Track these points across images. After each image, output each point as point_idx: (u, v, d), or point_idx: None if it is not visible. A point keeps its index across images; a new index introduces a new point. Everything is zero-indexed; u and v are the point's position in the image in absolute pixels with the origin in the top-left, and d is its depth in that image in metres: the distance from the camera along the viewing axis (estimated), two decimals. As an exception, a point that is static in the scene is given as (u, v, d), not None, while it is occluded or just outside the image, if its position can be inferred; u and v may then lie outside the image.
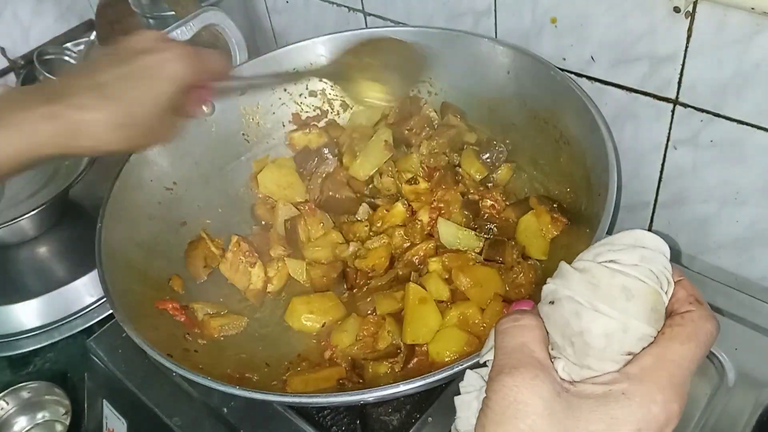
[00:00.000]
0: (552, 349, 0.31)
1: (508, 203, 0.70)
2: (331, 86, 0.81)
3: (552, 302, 0.31)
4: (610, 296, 0.30)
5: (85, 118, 0.50)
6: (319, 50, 0.79)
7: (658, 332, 0.31)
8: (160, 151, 0.72)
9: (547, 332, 0.32)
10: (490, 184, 0.73)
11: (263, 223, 0.78)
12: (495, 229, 0.69)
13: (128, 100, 0.52)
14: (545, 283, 0.32)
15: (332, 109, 0.82)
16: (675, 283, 0.32)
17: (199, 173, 0.76)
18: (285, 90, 0.80)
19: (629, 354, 0.30)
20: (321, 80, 0.81)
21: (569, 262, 0.32)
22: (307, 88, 0.81)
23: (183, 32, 0.75)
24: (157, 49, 0.54)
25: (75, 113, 0.50)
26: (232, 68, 0.68)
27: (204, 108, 0.61)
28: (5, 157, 0.49)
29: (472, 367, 0.42)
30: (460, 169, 0.73)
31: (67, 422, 0.78)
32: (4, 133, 0.48)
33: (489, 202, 0.70)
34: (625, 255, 0.31)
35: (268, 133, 0.82)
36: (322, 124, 0.82)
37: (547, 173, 0.69)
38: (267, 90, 0.80)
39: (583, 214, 0.60)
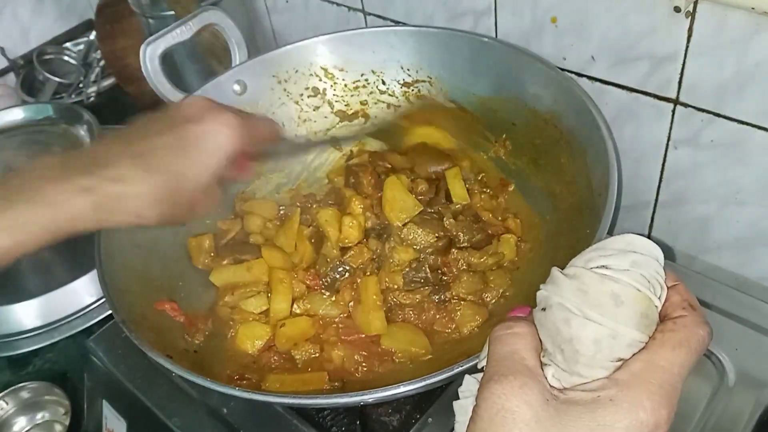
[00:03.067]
0: (543, 356, 0.31)
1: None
2: (332, 86, 0.81)
3: (544, 309, 0.31)
4: (600, 303, 0.30)
5: (123, 191, 0.46)
6: (318, 50, 0.79)
7: (650, 337, 0.30)
8: None
9: (540, 339, 0.32)
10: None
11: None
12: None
13: (172, 173, 0.48)
14: (538, 289, 0.32)
15: (332, 108, 0.82)
16: (669, 287, 0.32)
17: None
18: (284, 90, 0.80)
19: (619, 360, 0.30)
20: (321, 80, 0.80)
21: (568, 265, 0.32)
22: (307, 88, 0.81)
23: (182, 32, 0.75)
24: (206, 118, 0.50)
25: (113, 186, 0.46)
26: (281, 134, 0.63)
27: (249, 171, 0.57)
28: (37, 232, 0.45)
29: (470, 371, 0.42)
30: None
31: (67, 422, 0.77)
32: (37, 207, 0.45)
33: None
34: (616, 260, 0.31)
35: (267, 133, 0.81)
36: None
37: (547, 173, 0.69)
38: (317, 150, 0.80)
39: (584, 215, 0.60)
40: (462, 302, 0.65)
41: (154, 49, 0.73)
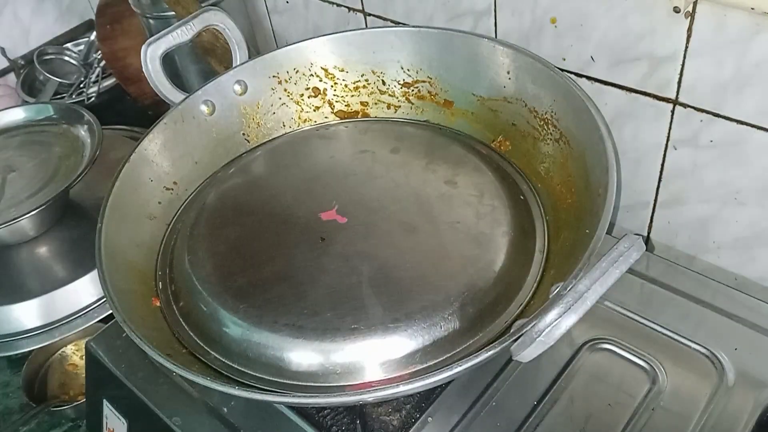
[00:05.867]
0: None
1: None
2: (332, 86, 0.81)
3: None
4: None
5: None
6: (319, 50, 0.79)
7: None
8: (160, 150, 0.72)
9: None
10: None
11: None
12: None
13: None
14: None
15: (332, 109, 0.82)
16: None
17: (199, 173, 0.76)
18: (285, 90, 0.80)
19: None
20: (322, 80, 0.81)
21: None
22: (307, 89, 0.81)
23: (183, 32, 0.75)
24: None
25: None
26: None
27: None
28: None
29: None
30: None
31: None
32: None
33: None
34: None
35: (268, 133, 0.82)
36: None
37: (547, 174, 0.69)
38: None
39: (582, 215, 0.60)
40: None
41: (155, 49, 0.73)
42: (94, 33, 1.28)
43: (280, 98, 0.81)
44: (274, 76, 0.79)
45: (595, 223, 0.53)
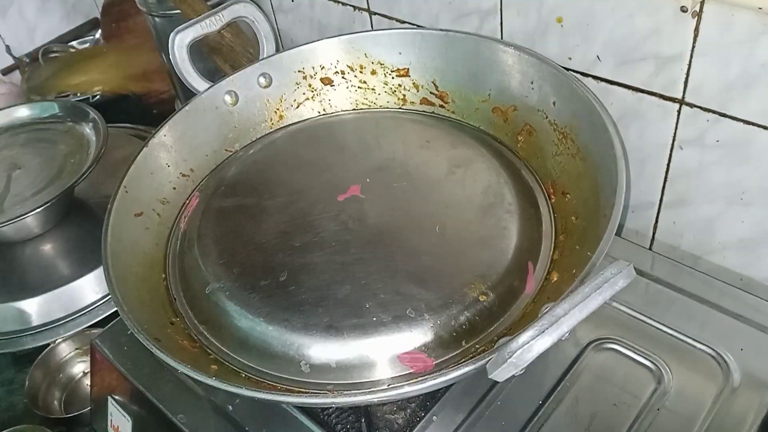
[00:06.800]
0: None
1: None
2: (357, 84, 0.80)
3: None
4: None
5: None
6: (344, 48, 0.78)
7: None
8: (180, 137, 0.72)
9: None
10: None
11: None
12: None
13: None
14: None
15: (356, 106, 0.82)
16: None
17: (216, 162, 0.76)
18: (309, 86, 0.80)
19: None
20: (345, 77, 0.79)
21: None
22: (332, 85, 0.80)
23: (212, 22, 0.75)
24: None
25: None
26: None
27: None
28: None
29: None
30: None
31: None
32: None
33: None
34: None
35: (290, 126, 0.81)
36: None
37: (553, 173, 0.69)
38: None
39: (590, 216, 0.60)
40: None
41: (183, 37, 0.73)
42: (99, 31, 1.29)
43: (304, 93, 0.80)
44: (299, 71, 0.79)
45: (604, 226, 0.52)
